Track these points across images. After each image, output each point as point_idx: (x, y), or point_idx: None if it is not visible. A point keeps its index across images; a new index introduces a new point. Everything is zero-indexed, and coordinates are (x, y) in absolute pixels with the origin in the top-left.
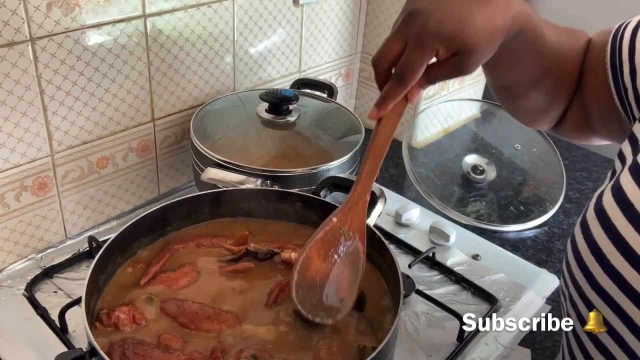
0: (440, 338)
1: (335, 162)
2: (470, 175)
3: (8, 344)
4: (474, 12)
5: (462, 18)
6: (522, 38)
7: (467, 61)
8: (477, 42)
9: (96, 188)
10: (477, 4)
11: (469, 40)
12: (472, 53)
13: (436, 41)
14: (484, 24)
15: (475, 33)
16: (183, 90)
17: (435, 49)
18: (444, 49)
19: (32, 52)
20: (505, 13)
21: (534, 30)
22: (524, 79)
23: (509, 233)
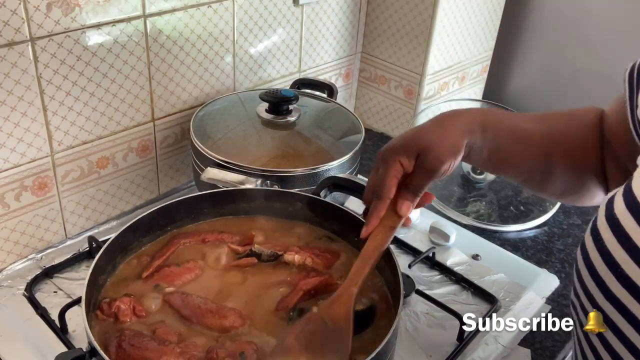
0: (440, 338)
1: (335, 162)
2: (470, 175)
3: (8, 344)
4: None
5: (415, 131)
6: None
7: (428, 159)
8: (430, 141)
9: (96, 188)
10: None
11: (421, 142)
12: (429, 150)
13: (394, 154)
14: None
15: (427, 135)
16: (183, 90)
17: (397, 160)
18: (404, 158)
19: (32, 52)
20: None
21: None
22: (531, 169)
23: (509, 233)
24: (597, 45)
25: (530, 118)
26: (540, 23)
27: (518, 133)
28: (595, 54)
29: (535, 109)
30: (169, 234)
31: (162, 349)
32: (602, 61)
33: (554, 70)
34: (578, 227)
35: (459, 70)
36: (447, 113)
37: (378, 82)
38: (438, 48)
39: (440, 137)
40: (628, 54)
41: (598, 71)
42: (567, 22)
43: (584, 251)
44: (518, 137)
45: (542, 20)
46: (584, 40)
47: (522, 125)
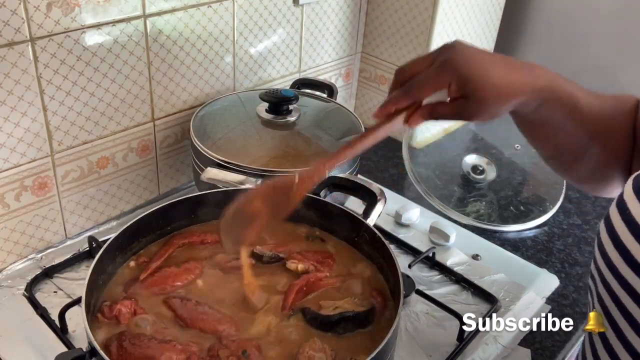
0: (440, 338)
1: None
2: (470, 175)
3: (8, 344)
4: (498, 71)
5: (486, 69)
6: (550, 110)
7: (470, 108)
8: (485, 95)
9: (96, 188)
10: (505, 65)
11: (479, 90)
12: (478, 103)
13: (453, 75)
14: (501, 83)
15: (489, 87)
16: (183, 90)
17: (448, 81)
18: (455, 85)
19: (32, 52)
20: (525, 85)
21: (564, 103)
22: (568, 149)
23: (509, 233)
24: (597, 45)
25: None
26: (540, 23)
27: (575, 112)
28: (595, 54)
29: None
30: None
31: (163, 347)
32: (602, 61)
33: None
34: (578, 227)
35: None
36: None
37: (378, 82)
38: None
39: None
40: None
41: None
42: (567, 22)
43: (608, 223)
44: (573, 116)
45: (542, 20)
46: (584, 40)
47: (581, 102)
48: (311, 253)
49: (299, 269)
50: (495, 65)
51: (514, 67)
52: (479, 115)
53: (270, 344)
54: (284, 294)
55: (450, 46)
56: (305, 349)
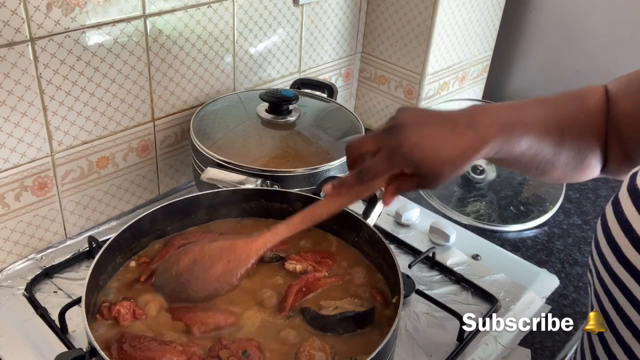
0: (440, 338)
1: (335, 162)
2: (470, 175)
3: (8, 344)
4: (445, 144)
5: (433, 148)
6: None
7: (429, 184)
8: (440, 171)
9: (96, 188)
10: (451, 135)
11: (432, 169)
12: (435, 178)
13: (404, 162)
14: (451, 156)
15: (441, 164)
16: (183, 90)
17: (400, 167)
18: (409, 170)
19: (32, 52)
20: (476, 147)
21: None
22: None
23: (509, 233)
24: (597, 45)
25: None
26: (540, 23)
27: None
28: (595, 54)
29: None
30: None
31: (164, 348)
32: (602, 61)
33: (554, 70)
34: (578, 227)
35: (459, 70)
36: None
37: (378, 82)
38: (438, 48)
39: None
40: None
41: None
42: (567, 22)
43: (604, 220)
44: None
45: (542, 20)
46: (584, 40)
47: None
48: (310, 253)
49: (297, 269)
50: (441, 138)
51: (461, 132)
52: (439, 184)
53: (271, 343)
54: (284, 295)
55: (397, 128)
56: (305, 348)
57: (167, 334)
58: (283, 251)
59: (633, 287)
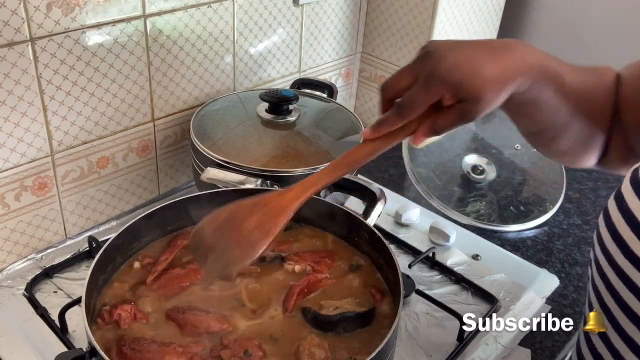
0: (440, 338)
1: None
2: (470, 175)
3: (8, 344)
4: (485, 64)
5: (472, 68)
6: (538, 90)
7: (471, 109)
8: (482, 92)
9: (96, 188)
10: (489, 56)
11: (474, 90)
12: (477, 102)
13: (443, 86)
14: (492, 76)
15: (483, 84)
16: (183, 90)
17: (440, 93)
18: (449, 94)
19: (32, 52)
20: (516, 69)
21: (552, 81)
22: (550, 125)
23: (509, 233)
24: (597, 45)
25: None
26: (540, 23)
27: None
28: (595, 54)
29: None
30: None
31: (164, 350)
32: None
33: None
34: (578, 227)
35: None
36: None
37: (378, 82)
38: None
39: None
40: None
41: None
42: (567, 22)
43: (606, 215)
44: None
45: (541, 20)
46: (584, 40)
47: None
48: (308, 253)
49: (296, 270)
50: (480, 59)
51: (499, 54)
52: (481, 113)
53: (271, 343)
54: (286, 295)
55: (430, 54)
56: (305, 346)
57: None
58: (283, 251)
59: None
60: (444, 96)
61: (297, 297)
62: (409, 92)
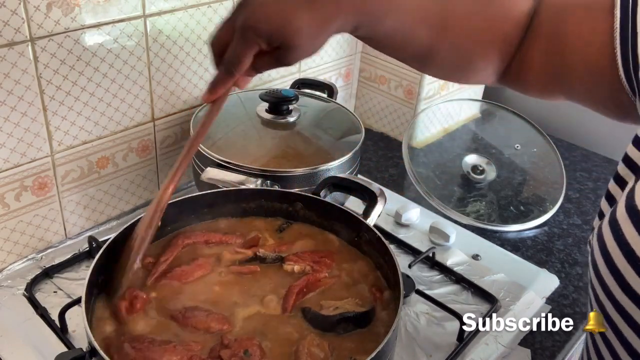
0: (440, 338)
1: (335, 162)
2: (470, 175)
3: (8, 344)
4: (296, 12)
5: (283, 18)
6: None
7: (287, 56)
8: (295, 40)
9: (96, 188)
10: (301, 5)
11: (287, 38)
12: (291, 49)
13: (256, 37)
14: (304, 24)
15: (294, 32)
16: (183, 90)
17: (257, 43)
18: (264, 43)
19: (32, 52)
20: (328, 15)
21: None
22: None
23: (509, 233)
24: None
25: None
26: None
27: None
28: None
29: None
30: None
31: (164, 349)
32: None
33: None
34: (578, 227)
35: None
36: None
37: (378, 82)
38: None
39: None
40: None
41: None
42: None
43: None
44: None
45: None
46: None
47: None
48: (308, 253)
49: (296, 269)
50: (291, 8)
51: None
52: (297, 58)
53: (271, 343)
54: (285, 295)
55: (244, 4)
56: (305, 346)
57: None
58: (282, 251)
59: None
60: (261, 46)
61: (297, 297)
62: (230, 48)
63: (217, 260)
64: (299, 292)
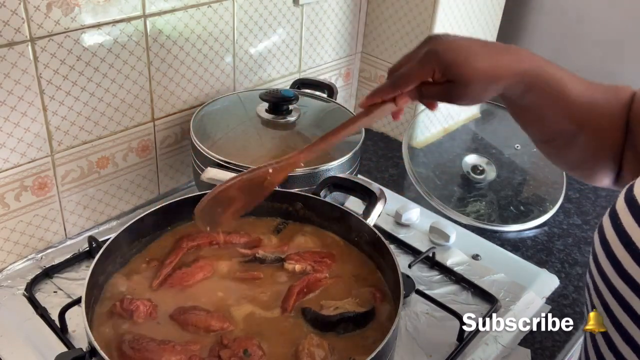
0: (440, 338)
1: (335, 162)
2: (470, 175)
3: (8, 344)
4: (479, 54)
5: (466, 55)
6: (538, 94)
7: (456, 91)
8: (470, 79)
9: (96, 188)
10: (486, 49)
11: (463, 74)
12: (463, 86)
13: (435, 63)
14: (484, 67)
15: (473, 71)
16: (183, 90)
17: (432, 69)
18: (439, 72)
19: (32, 52)
20: (508, 68)
21: (551, 87)
22: (558, 134)
23: (509, 233)
24: (597, 45)
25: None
26: (540, 23)
27: (562, 98)
28: (595, 54)
29: None
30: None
31: (163, 349)
32: (601, 61)
33: None
34: (578, 227)
35: None
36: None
37: (378, 82)
38: None
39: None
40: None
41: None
42: (567, 22)
43: (601, 233)
44: (562, 101)
45: (542, 20)
46: (584, 40)
47: (568, 88)
48: (309, 253)
49: (297, 269)
50: (478, 50)
51: (497, 51)
52: (464, 98)
53: (271, 343)
54: (285, 295)
55: (433, 37)
56: (304, 346)
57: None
58: (282, 252)
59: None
60: (435, 74)
61: (297, 297)
62: (406, 65)
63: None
64: (299, 292)
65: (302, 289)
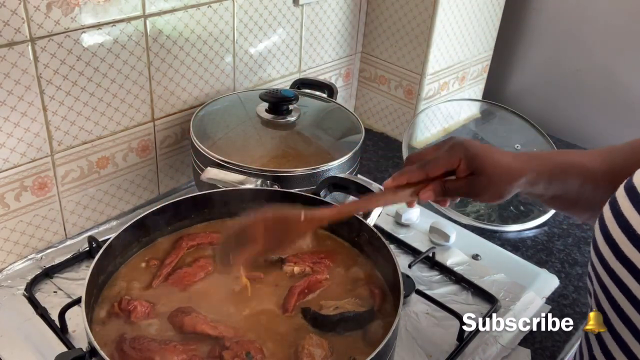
0: (440, 338)
1: (335, 162)
2: None
3: (8, 344)
4: (499, 152)
5: (489, 150)
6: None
7: (479, 184)
8: (493, 170)
9: (96, 188)
10: (509, 152)
11: (487, 166)
12: (486, 180)
13: (462, 153)
14: (506, 161)
15: (496, 165)
16: (183, 90)
17: (459, 159)
18: (465, 163)
19: (32, 52)
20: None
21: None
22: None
23: (509, 233)
24: (597, 45)
25: (595, 156)
26: (540, 23)
27: (585, 177)
28: (595, 54)
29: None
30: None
31: (164, 348)
32: (601, 61)
33: (554, 70)
34: (578, 227)
35: (459, 70)
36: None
37: (378, 82)
38: (438, 48)
39: (500, 177)
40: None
41: (598, 71)
42: (567, 22)
43: (602, 220)
44: (585, 181)
45: (542, 20)
46: (584, 40)
47: (587, 166)
48: (308, 254)
49: (295, 271)
50: (502, 152)
51: (518, 154)
52: (487, 192)
53: (271, 344)
54: (286, 296)
55: (457, 137)
56: (304, 347)
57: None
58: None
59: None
60: (460, 165)
61: (298, 297)
62: (432, 155)
63: None
64: (300, 292)
65: (303, 290)
